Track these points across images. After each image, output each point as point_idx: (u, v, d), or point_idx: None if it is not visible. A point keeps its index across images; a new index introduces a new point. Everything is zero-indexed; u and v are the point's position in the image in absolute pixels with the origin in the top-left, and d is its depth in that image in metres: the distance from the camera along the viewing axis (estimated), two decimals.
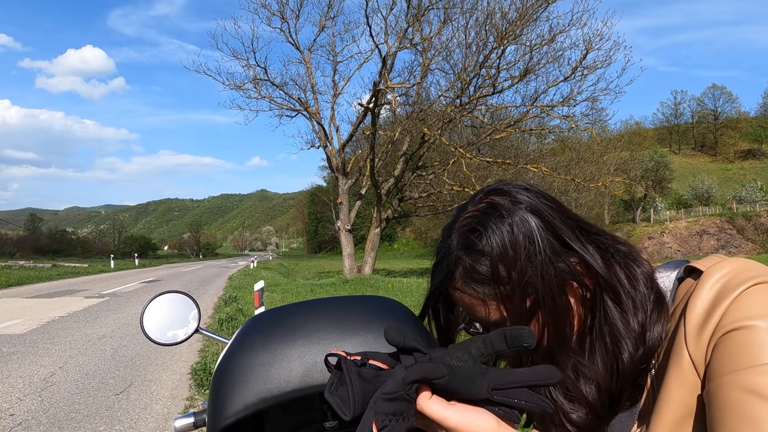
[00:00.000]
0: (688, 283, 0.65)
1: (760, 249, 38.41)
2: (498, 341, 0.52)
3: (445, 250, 0.70)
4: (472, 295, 0.67)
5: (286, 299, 12.55)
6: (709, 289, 0.59)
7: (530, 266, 0.64)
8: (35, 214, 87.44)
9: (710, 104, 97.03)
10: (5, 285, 16.23)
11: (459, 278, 0.68)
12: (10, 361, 6.03)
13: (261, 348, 0.71)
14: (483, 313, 0.67)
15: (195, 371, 5.34)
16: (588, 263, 0.66)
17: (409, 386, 0.49)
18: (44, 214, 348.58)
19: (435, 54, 18.07)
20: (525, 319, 0.65)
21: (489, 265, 0.65)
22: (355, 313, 0.76)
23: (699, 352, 0.57)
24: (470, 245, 0.66)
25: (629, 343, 0.65)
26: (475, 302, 0.67)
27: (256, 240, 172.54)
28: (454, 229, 0.70)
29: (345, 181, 20.01)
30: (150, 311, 1.19)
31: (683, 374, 0.59)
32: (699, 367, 0.58)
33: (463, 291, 0.68)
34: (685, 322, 0.59)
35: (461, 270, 0.67)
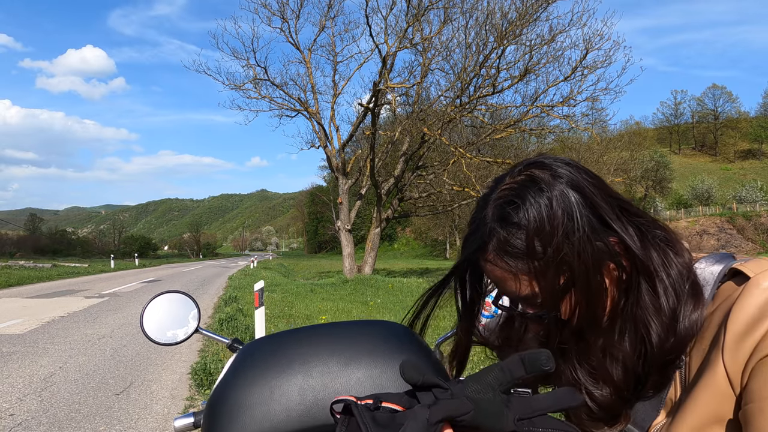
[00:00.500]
0: (731, 286, 0.62)
1: (760, 249, 38.42)
2: (516, 368, 0.50)
3: (479, 221, 0.68)
4: (504, 269, 0.65)
5: (286, 299, 12.56)
6: (755, 298, 0.56)
7: (567, 243, 0.61)
8: (35, 214, 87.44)
9: (710, 104, 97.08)
10: (5, 285, 16.23)
11: (492, 251, 0.66)
12: (10, 361, 6.03)
13: (258, 381, 0.66)
14: (514, 288, 0.66)
15: (195, 371, 5.34)
16: (626, 244, 0.64)
17: (434, 427, 0.46)
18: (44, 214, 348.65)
19: (435, 54, 18.08)
20: (557, 296, 0.64)
21: (524, 239, 0.63)
22: (359, 341, 0.72)
23: (736, 365, 0.56)
24: (506, 217, 0.64)
25: (660, 329, 0.63)
26: (507, 276, 0.66)
27: (256, 240, 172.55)
28: (490, 200, 0.67)
29: (345, 181, 20.01)
30: (150, 311, 1.19)
31: (716, 383, 0.57)
32: (734, 380, 0.56)
33: (495, 264, 0.66)
34: (725, 331, 0.57)
35: (495, 242, 0.65)
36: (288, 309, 10.50)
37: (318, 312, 10.13)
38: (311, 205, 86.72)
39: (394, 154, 21.54)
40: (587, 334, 0.66)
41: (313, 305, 11.37)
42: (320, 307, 10.95)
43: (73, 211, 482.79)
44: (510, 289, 0.67)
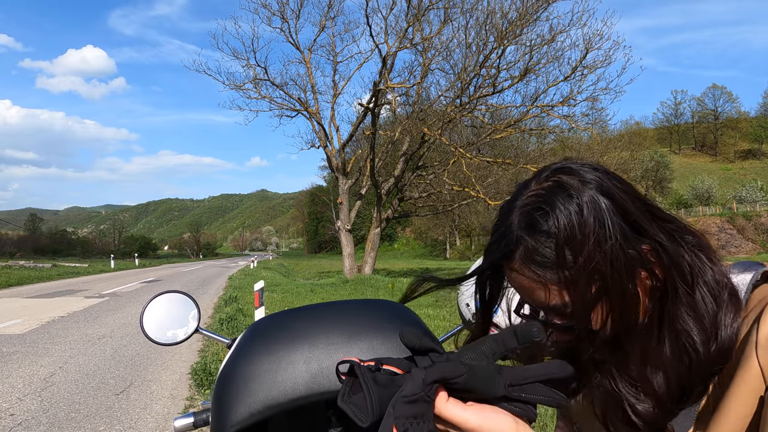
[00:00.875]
0: (765, 289, 0.61)
1: (760, 249, 38.42)
2: (509, 338, 0.52)
3: (504, 228, 0.65)
4: (531, 278, 0.63)
5: (286, 299, 12.55)
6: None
7: (599, 251, 0.59)
8: (35, 214, 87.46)
9: (710, 104, 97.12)
10: (5, 285, 16.23)
11: (518, 259, 0.63)
12: (10, 361, 6.03)
13: (265, 352, 0.70)
14: (542, 298, 0.63)
15: (195, 371, 5.33)
16: (659, 252, 0.62)
17: (429, 387, 0.48)
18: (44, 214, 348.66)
19: (435, 54, 18.07)
20: (588, 306, 0.62)
21: (554, 247, 0.60)
22: (361, 316, 0.75)
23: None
24: (534, 225, 0.62)
25: (702, 336, 0.61)
26: (535, 285, 0.63)
27: (256, 240, 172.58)
28: (515, 207, 0.65)
29: (345, 181, 20.02)
30: (150, 311, 1.19)
31: (751, 381, 0.56)
32: (767, 373, 0.55)
33: (521, 273, 0.63)
34: (758, 329, 0.56)
35: (522, 251, 0.62)
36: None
37: None
38: (311, 205, 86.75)
39: (394, 154, 21.54)
40: (623, 343, 0.63)
41: None
42: None
43: (73, 211, 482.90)
44: (538, 299, 0.64)
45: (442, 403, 0.49)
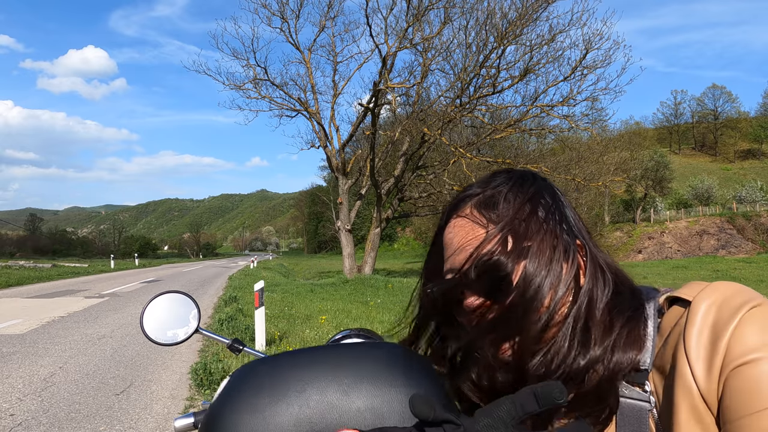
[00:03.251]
0: (674, 312, 0.61)
1: (760, 249, 38.40)
2: (528, 402, 0.48)
3: (475, 183, 0.71)
4: (476, 222, 0.66)
5: (286, 299, 12.56)
6: (703, 318, 0.56)
7: (542, 219, 0.64)
8: (35, 214, 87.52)
9: (710, 104, 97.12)
10: (5, 285, 16.24)
11: (470, 205, 0.67)
12: (10, 361, 6.03)
13: (249, 410, 0.62)
14: (477, 242, 0.64)
15: (195, 371, 5.33)
16: (589, 253, 0.66)
17: None
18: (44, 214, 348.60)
19: (435, 54, 18.07)
20: (512, 261, 0.62)
21: (509, 199, 0.66)
22: (360, 365, 0.67)
23: (711, 388, 0.54)
24: (489, 182, 0.69)
25: (590, 352, 0.62)
26: (477, 229, 0.65)
27: (256, 240, 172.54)
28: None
29: (345, 181, 20.01)
30: (150, 311, 1.19)
31: (699, 414, 0.55)
32: (711, 403, 0.54)
33: (468, 217, 0.67)
34: (689, 359, 0.56)
35: (476, 200, 0.67)
36: (288, 309, 10.50)
37: (318, 312, 10.13)
38: (311, 205, 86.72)
39: (394, 154, 21.54)
40: (525, 317, 0.63)
41: (313, 305, 11.37)
42: (320, 307, 10.95)
43: (73, 211, 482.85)
44: (471, 245, 0.64)
45: None
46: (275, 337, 7.08)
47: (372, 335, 1.22)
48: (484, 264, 0.63)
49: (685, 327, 0.57)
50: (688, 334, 0.56)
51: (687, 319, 0.57)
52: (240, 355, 4.47)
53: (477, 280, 0.64)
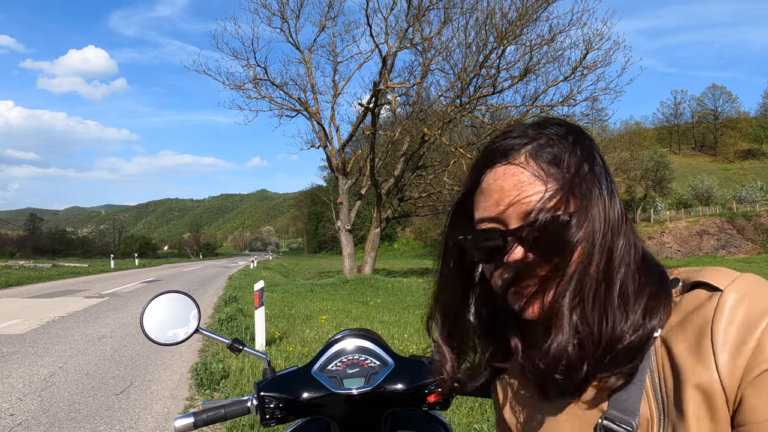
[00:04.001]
0: (699, 294, 0.61)
1: (760, 249, 38.40)
2: None
3: (514, 133, 0.68)
4: (534, 174, 0.63)
5: (286, 299, 12.56)
6: (733, 310, 0.56)
7: (599, 182, 0.64)
8: (35, 214, 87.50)
9: (710, 104, 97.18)
10: (5, 285, 16.23)
11: (525, 153, 0.65)
12: (10, 361, 6.03)
13: None
14: (535, 196, 0.62)
15: (195, 371, 5.34)
16: (627, 219, 0.66)
17: None
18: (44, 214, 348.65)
19: (435, 54, 18.08)
20: (576, 223, 0.61)
21: (572, 155, 0.64)
22: None
23: (732, 378, 0.55)
24: (541, 130, 0.66)
25: (630, 316, 0.62)
26: (534, 181, 0.63)
27: (256, 240, 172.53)
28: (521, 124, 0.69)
29: (345, 181, 20.01)
30: (150, 311, 1.19)
31: (711, 401, 0.56)
32: (729, 393, 0.55)
33: (524, 167, 0.64)
34: (714, 345, 0.56)
35: (531, 147, 0.65)
36: (288, 309, 10.51)
37: (318, 312, 10.13)
38: (311, 205, 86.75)
39: (394, 154, 21.55)
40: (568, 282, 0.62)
41: (313, 305, 11.37)
42: (320, 307, 10.95)
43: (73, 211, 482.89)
44: (527, 198, 0.63)
45: None
46: (275, 337, 7.08)
47: (372, 335, 1.22)
48: (545, 222, 0.62)
49: (715, 314, 0.57)
50: (717, 321, 0.56)
51: (717, 306, 0.57)
52: (240, 354, 4.46)
53: (534, 236, 0.62)
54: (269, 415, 1.09)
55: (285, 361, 5.61)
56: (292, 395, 1.09)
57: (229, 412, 1.12)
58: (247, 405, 1.12)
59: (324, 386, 1.10)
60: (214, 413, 1.11)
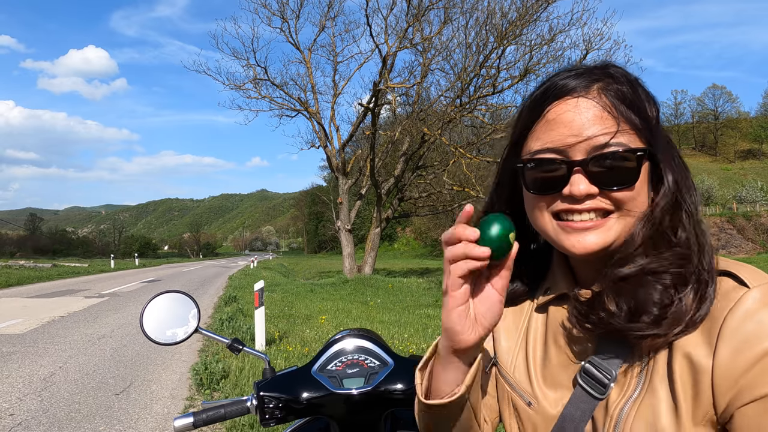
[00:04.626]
0: (726, 282, 0.61)
1: (760, 249, 38.40)
2: None
3: (582, 69, 0.68)
4: (606, 109, 0.63)
5: (286, 299, 12.55)
6: (751, 311, 0.56)
7: (663, 129, 0.67)
8: (35, 214, 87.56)
9: (710, 104, 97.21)
10: (5, 285, 16.23)
11: (597, 89, 0.65)
12: (10, 361, 6.03)
13: None
14: (607, 131, 0.63)
15: (195, 371, 5.34)
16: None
17: None
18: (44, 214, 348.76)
19: (435, 54, 18.07)
20: (636, 153, 0.63)
21: (643, 99, 0.65)
22: None
23: (726, 377, 0.55)
24: (617, 70, 0.67)
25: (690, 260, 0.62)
26: (606, 116, 0.63)
27: (256, 240, 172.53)
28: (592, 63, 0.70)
29: (345, 181, 20.01)
30: (150, 311, 1.19)
31: (698, 388, 0.56)
32: (717, 388, 0.55)
33: (597, 101, 0.64)
34: (719, 336, 0.56)
35: (603, 83, 0.65)
36: (288, 309, 10.50)
37: (318, 312, 10.13)
38: (311, 205, 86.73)
39: (394, 154, 21.54)
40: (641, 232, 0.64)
41: (313, 305, 11.37)
42: (320, 307, 10.95)
43: (74, 211, 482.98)
44: (598, 131, 0.63)
45: None
46: (275, 337, 7.08)
47: (372, 335, 1.22)
48: (617, 155, 0.62)
49: (735, 305, 0.57)
50: (733, 313, 0.56)
51: (739, 300, 0.57)
52: (240, 354, 4.46)
53: (603, 169, 0.63)
54: (269, 415, 1.09)
55: (285, 361, 5.61)
56: (291, 395, 1.09)
57: (228, 412, 1.12)
58: (246, 405, 1.12)
59: (324, 386, 1.10)
60: (214, 413, 1.11)
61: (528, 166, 0.67)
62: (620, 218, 0.64)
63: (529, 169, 0.67)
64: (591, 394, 0.65)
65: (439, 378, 0.69)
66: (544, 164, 0.66)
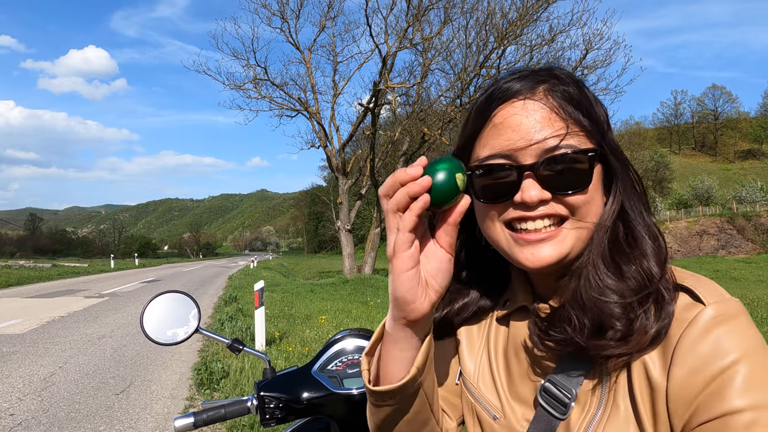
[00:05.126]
0: (682, 298, 0.58)
1: (760, 249, 38.40)
2: None
3: (526, 72, 0.65)
4: (554, 111, 0.61)
5: (286, 299, 12.56)
6: (705, 332, 0.54)
7: (610, 136, 0.64)
8: (35, 214, 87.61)
9: (710, 104, 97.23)
10: (5, 285, 16.23)
11: (542, 90, 0.63)
12: (10, 361, 6.03)
13: None
14: (556, 132, 0.60)
15: (195, 371, 5.33)
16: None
17: None
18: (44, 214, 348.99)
19: (435, 54, 18.08)
20: (587, 154, 0.61)
21: (590, 99, 0.63)
22: None
23: (679, 396, 0.54)
24: (561, 71, 0.65)
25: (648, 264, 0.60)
26: (554, 118, 0.61)
27: (256, 240, 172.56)
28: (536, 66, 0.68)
29: (345, 181, 20.02)
30: (150, 311, 1.19)
31: (654, 404, 0.55)
32: (672, 404, 0.54)
33: (543, 102, 0.62)
34: (673, 356, 0.55)
35: (549, 84, 0.63)
36: (288, 309, 10.50)
37: (318, 312, 10.13)
38: (311, 205, 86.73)
39: (394, 154, 21.54)
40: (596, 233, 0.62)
41: (313, 305, 11.37)
42: (320, 307, 10.94)
43: (73, 211, 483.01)
44: (541, 126, 0.60)
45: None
46: (275, 337, 7.08)
47: (372, 335, 1.22)
48: (567, 158, 0.60)
49: (688, 325, 0.55)
50: (687, 333, 0.55)
51: (693, 319, 0.55)
52: (240, 354, 4.46)
53: (555, 172, 0.60)
54: (269, 415, 1.09)
55: (285, 361, 5.61)
56: (292, 395, 1.09)
57: (229, 412, 1.12)
58: (247, 405, 1.12)
59: (324, 386, 1.10)
60: (214, 413, 1.11)
61: (476, 173, 0.64)
62: (575, 227, 0.61)
63: (478, 176, 0.64)
64: (552, 414, 0.63)
65: (388, 361, 0.65)
66: (494, 171, 0.63)
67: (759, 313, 9.40)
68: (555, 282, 0.65)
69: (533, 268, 0.62)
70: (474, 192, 0.65)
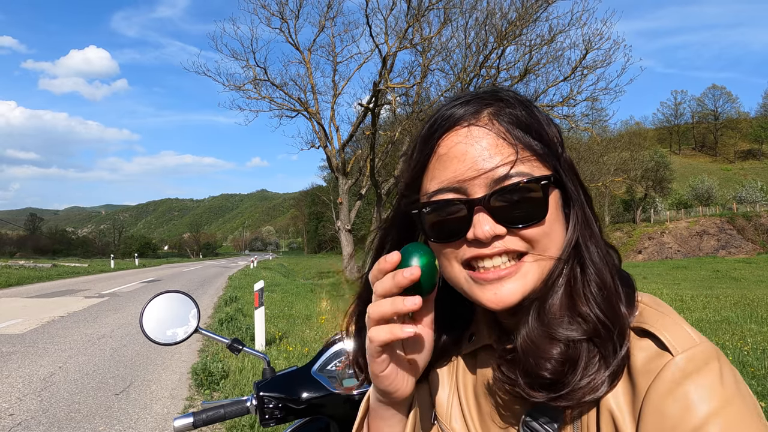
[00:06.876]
0: (649, 346, 0.53)
1: (760, 249, 38.39)
2: None
3: (469, 97, 0.61)
4: (501, 137, 0.57)
5: (286, 299, 12.55)
6: (675, 382, 0.50)
7: (565, 158, 0.60)
8: (35, 214, 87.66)
9: (710, 104, 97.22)
10: (5, 285, 16.22)
11: (487, 115, 0.58)
12: (10, 361, 6.03)
13: None
14: (505, 158, 0.56)
15: (195, 371, 5.33)
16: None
17: None
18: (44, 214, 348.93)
19: (435, 54, 18.10)
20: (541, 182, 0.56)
21: (528, 112, 0.59)
22: None
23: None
24: (496, 95, 0.60)
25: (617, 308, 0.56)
26: (501, 143, 0.56)
27: (256, 240, 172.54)
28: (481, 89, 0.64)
29: (345, 181, 20.02)
30: (149, 311, 1.19)
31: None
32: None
33: (488, 128, 0.57)
34: (641, 414, 0.51)
35: (493, 109, 0.59)
36: (288, 309, 10.50)
37: (318, 312, 10.13)
38: (311, 205, 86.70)
39: (394, 154, 21.55)
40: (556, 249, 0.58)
41: (313, 305, 11.36)
42: (320, 307, 10.94)
43: (74, 211, 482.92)
44: (490, 154, 0.56)
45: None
46: (275, 337, 7.07)
47: None
48: (523, 187, 0.55)
49: (655, 378, 0.51)
50: (655, 387, 0.51)
51: (661, 371, 0.51)
52: (240, 354, 4.45)
53: (507, 204, 0.56)
54: (269, 415, 1.09)
55: (285, 361, 5.61)
56: (291, 395, 1.09)
57: (228, 412, 1.12)
58: (246, 405, 1.12)
59: (323, 386, 1.10)
60: (214, 413, 1.11)
61: (425, 211, 0.59)
62: (536, 260, 0.57)
63: (427, 213, 0.59)
64: None
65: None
66: (442, 207, 0.58)
67: (759, 313, 9.40)
68: (521, 316, 0.60)
69: (497, 309, 0.58)
70: (425, 231, 0.61)
